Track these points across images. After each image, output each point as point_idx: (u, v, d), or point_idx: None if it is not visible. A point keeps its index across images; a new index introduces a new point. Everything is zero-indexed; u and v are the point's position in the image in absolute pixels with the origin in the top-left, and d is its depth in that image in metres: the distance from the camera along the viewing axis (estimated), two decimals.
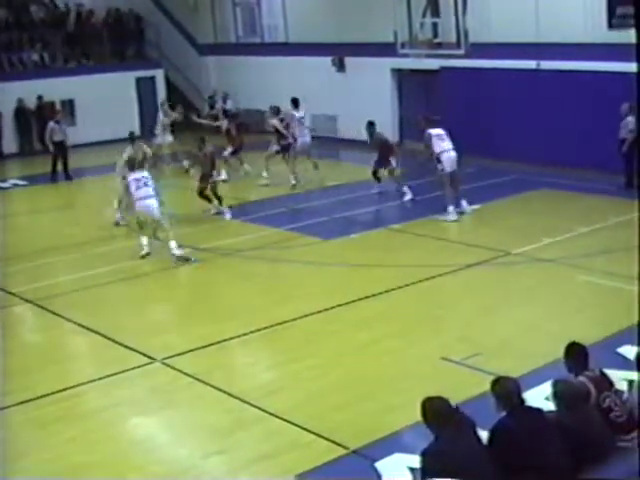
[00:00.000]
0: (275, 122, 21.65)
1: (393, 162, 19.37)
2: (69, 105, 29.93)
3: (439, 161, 17.68)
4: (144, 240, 15.82)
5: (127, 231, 17.75)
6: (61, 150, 23.98)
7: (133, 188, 15.69)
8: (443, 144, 17.77)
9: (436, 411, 6.26)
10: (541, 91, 21.49)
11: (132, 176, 15.88)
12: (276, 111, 21.89)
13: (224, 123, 22.82)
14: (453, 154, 17.79)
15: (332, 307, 12.84)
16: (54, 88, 29.04)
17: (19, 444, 9.35)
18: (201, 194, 18.44)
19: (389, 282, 13.83)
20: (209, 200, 18.56)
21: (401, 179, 19.44)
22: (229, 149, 22.15)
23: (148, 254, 15.73)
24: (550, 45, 20.88)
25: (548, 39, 20.92)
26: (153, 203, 15.65)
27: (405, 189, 19.11)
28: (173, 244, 15.60)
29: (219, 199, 18.59)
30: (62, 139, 24.02)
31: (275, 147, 21.75)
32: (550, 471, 6.10)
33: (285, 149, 21.57)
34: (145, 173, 15.97)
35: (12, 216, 20.41)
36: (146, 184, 15.69)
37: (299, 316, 12.51)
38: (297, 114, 21.47)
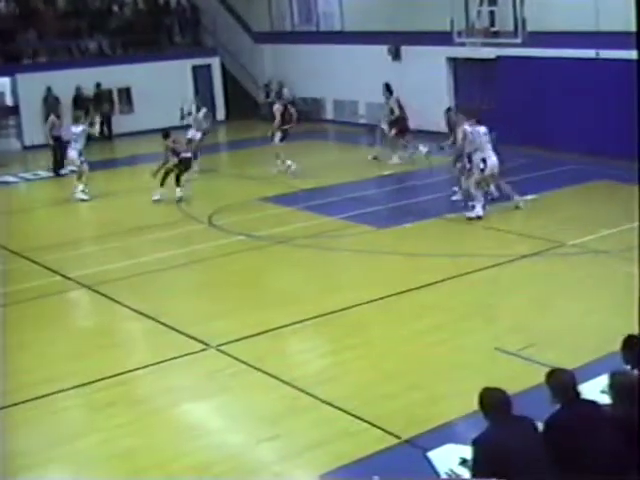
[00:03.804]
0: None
1: None
2: (126, 93, 30.30)
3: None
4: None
5: (181, 217, 17.97)
6: (58, 145, 23.56)
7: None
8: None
9: (494, 402, 6.23)
10: (600, 81, 21.17)
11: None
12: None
13: (278, 108, 22.65)
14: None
15: (385, 296, 12.81)
16: (112, 76, 29.38)
17: (74, 427, 9.53)
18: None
19: (442, 272, 13.77)
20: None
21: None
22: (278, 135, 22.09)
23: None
24: (609, 34, 20.55)
25: (607, 27, 20.60)
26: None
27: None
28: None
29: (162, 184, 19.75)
30: (59, 134, 23.65)
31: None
32: (605, 464, 6.04)
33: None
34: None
35: (69, 202, 20.67)
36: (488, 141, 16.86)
37: (352, 305, 12.51)
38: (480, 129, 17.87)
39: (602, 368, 8.48)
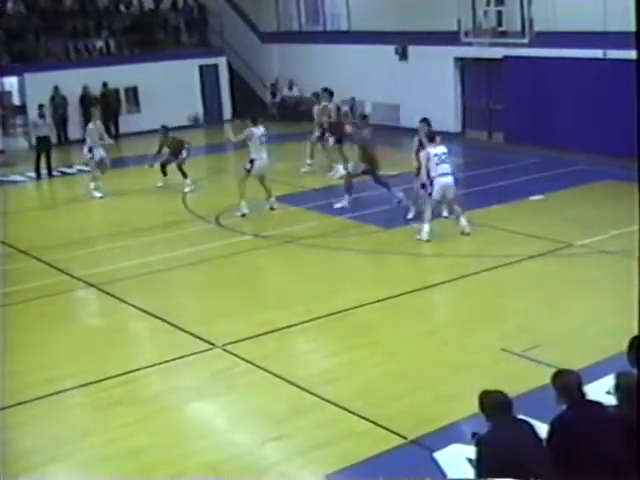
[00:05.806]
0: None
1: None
2: (133, 92, 30.34)
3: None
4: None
5: (188, 217, 18.03)
6: (45, 145, 23.53)
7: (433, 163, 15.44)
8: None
9: (493, 403, 6.23)
10: (607, 81, 21.13)
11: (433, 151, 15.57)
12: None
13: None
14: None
15: (392, 296, 12.80)
16: (119, 75, 29.42)
17: (79, 426, 9.54)
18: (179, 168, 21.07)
19: (450, 272, 13.76)
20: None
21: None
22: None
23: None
24: (617, 34, 20.51)
25: (615, 28, 20.55)
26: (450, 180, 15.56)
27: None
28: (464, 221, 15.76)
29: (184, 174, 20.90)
30: (47, 134, 23.65)
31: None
32: (611, 466, 6.02)
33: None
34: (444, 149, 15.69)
35: (76, 201, 20.72)
36: (445, 160, 15.55)
37: (358, 305, 12.50)
38: (257, 131, 18.05)
39: (608, 369, 8.46)
